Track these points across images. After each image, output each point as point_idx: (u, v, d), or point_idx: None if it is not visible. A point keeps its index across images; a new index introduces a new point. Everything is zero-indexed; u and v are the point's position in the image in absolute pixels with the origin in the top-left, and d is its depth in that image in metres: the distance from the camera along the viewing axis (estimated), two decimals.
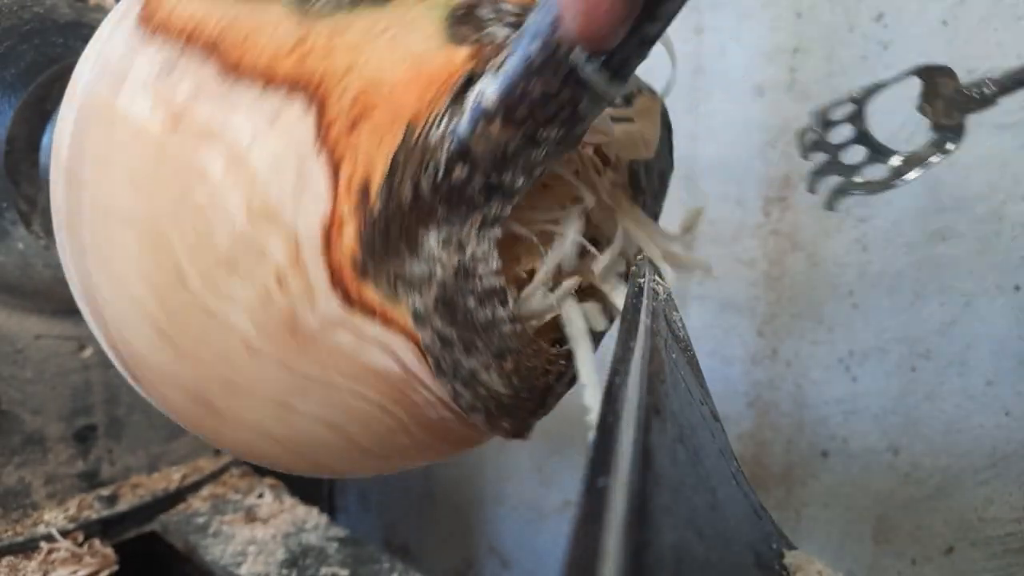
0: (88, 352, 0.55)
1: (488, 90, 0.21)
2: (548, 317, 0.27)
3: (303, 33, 0.24)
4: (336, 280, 0.23)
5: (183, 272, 0.24)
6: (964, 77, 0.42)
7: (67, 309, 0.52)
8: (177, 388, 0.28)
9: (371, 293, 0.23)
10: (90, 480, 0.56)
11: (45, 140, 0.48)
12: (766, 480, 0.58)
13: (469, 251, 0.24)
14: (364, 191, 0.23)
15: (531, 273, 0.28)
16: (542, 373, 0.26)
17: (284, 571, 0.50)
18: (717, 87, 0.58)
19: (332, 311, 0.24)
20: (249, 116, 0.23)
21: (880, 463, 0.52)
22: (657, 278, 0.26)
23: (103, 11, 0.53)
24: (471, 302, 0.24)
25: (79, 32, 0.50)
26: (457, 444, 0.29)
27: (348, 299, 0.23)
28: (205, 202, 0.24)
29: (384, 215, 0.23)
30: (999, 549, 0.47)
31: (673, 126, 0.31)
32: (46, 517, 0.52)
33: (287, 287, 0.23)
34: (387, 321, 0.24)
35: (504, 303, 0.24)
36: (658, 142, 0.29)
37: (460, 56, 0.23)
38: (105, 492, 0.56)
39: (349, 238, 0.23)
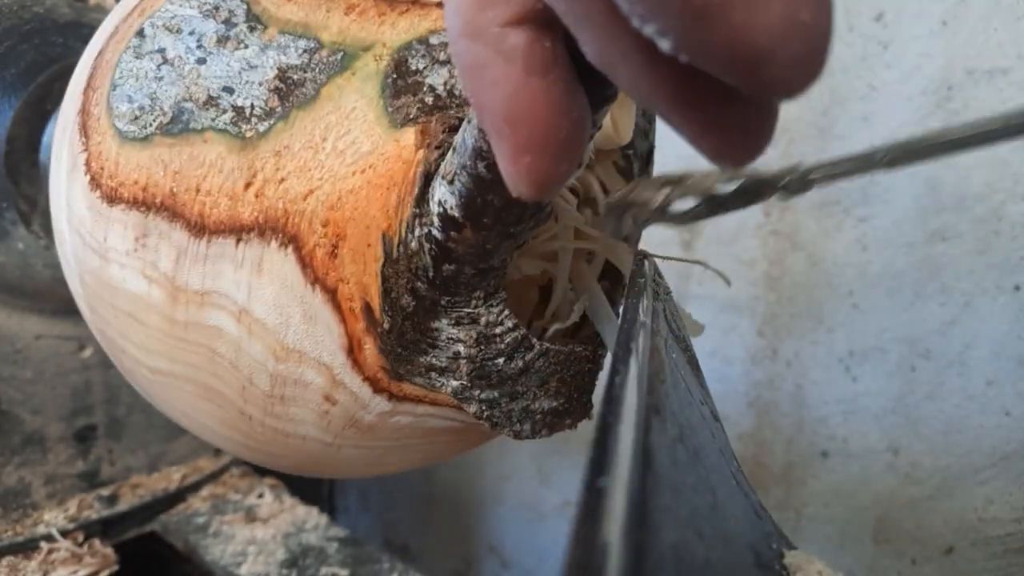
0: (88, 352, 0.55)
1: (449, 202, 0.21)
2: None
3: (249, 165, 0.23)
4: (377, 387, 0.24)
5: (244, 410, 0.26)
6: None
7: (67, 309, 0.52)
8: (279, 467, 0.31)
9: (411, 389, 0.25)
10: (90, 480, 0.56)
11: (45, 139, 0.48)
12: (766, 480, 0.58)
13: (483, 321, 0.24)
14: (368, 313, 0.23)
15: (550, 282, 0.28)
16: (586, 372, 0.26)
17: (284, 571, 0.50)
18: None
19: (384, 407, 0.25)
20: (236, 273, 0.23)
21: (880, 463, 0.52)
22: (657, 278, 0.26)
23: (103, 11, 0.53)
24: (500, 362, 0.24)
25: (79, 32, 0.50)
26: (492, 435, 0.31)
27: (394, 397, 0.25)
28: (232, 355, 0.24)
29: (395, 327, 0.23)
30: (999, 549, 0.47)
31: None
32: (46, 517, 0.52)
33: (337, 402, 0.25)
34: (435, 403, 0.25)
35: (531, 347, 0.25)
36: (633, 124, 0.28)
37: (408, 144, 0.22)
38: (105, 492, 0.56)
39: (371, 354, 0.24)
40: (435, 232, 0.22)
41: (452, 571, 0.89)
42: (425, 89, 0.23)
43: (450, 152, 0.21)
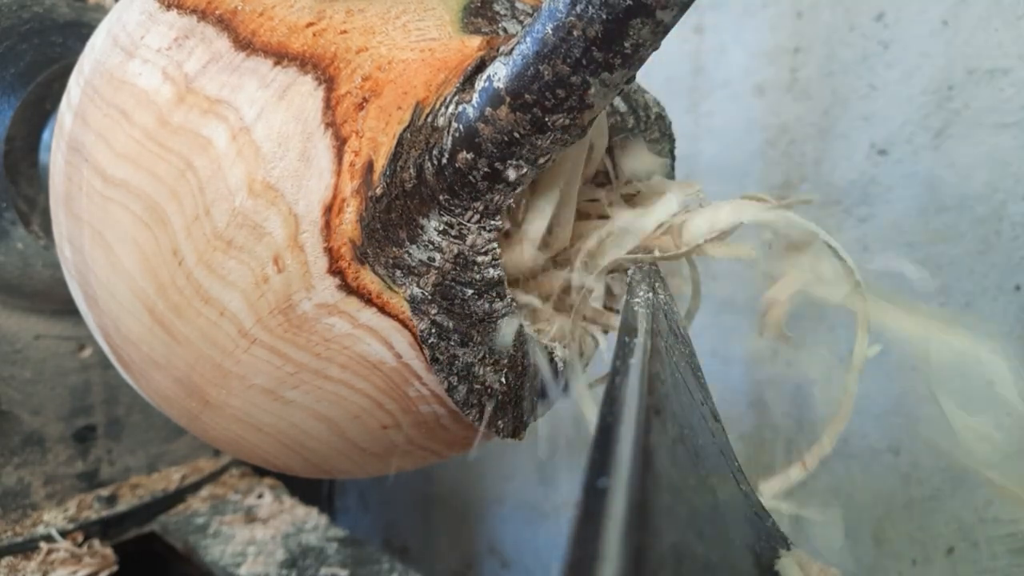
0: (87, 352, 0.55)
1: (499, 73, 0.21)
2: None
3: (320, 9, 0.24)
4: (334, 265, 0.23)
5: (179, 249, 0.24)
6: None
7: (67, 309, 0.52)
8: (166, 374, 0.27)
9: (368, 280, 0.23)
10: (89, 480, 0.56)
11: (44, 139, 0.48)
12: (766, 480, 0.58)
13: (469, 241, 0.23)
14: (368, 171, 0.22)
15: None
16: (522, 374, 0.26)
17: (284, 571, 0.50)
18: (717, 87, 0.58)
19: (328, 296, 0.23)
20: (258, 90, 0.23)
21: (880, 463, 0.52)
22: (657, 278, 0.26)
23: (103, 11, 0.53)
24: (469, 293, 0.24)
25: (78, 32, 0.50)
26: (451, 445, 0.28)
27: (345, 285, 0.23)
28: (207, 175, 0.23)
29: (386, 197, 0.22)
30: (1000, 550, 0.47)
31: (673, 126, 0.31)
32: (45, 517, 0.52)
33: (284, 269, 0.23)
34: (384, 309, 0.23)
35: (502, 296, 0.24)
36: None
37: (472, 44, 0.24)
38: (104, 492, 0.56)
39: (349, 221, 0.22)
40: (469, 111, 0.22)
41: (452, 571, 0.89)
42: (499, 27, 0.25)
43: (516, 37, 0.21)
